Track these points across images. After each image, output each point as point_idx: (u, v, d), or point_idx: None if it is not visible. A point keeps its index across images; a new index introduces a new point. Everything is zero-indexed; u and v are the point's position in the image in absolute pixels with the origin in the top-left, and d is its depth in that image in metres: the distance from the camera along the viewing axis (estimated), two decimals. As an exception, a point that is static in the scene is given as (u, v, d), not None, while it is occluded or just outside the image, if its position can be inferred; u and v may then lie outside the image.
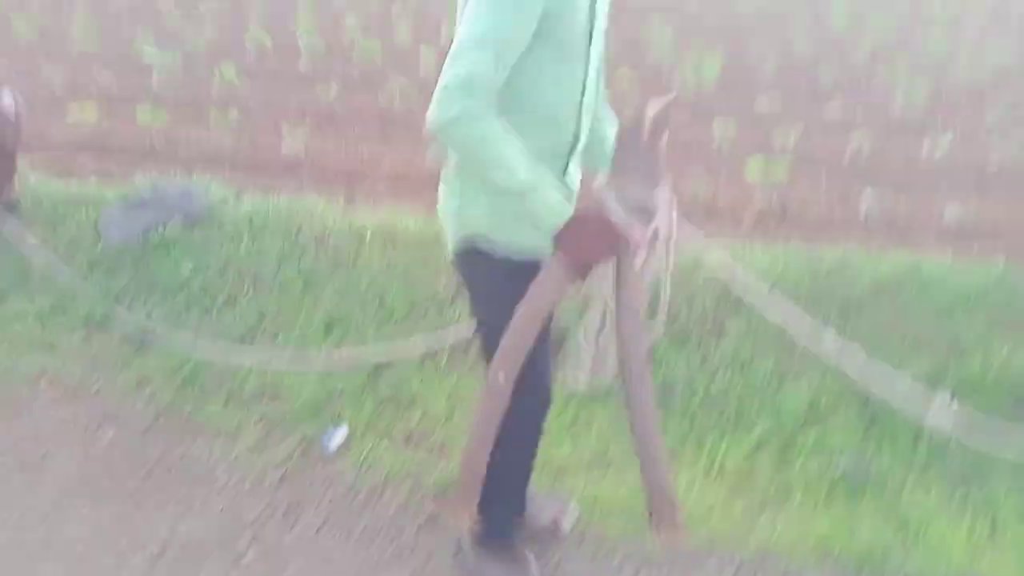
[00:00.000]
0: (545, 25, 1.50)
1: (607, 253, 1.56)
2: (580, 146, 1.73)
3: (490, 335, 1.78)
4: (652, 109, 1.49)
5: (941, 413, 1.69)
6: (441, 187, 1.79)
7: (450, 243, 1.79)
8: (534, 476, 2.21)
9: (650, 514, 1.68)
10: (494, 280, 1.75)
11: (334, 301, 3.34)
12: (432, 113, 1.44)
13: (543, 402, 2.01)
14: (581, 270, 1.57)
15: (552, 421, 2.85)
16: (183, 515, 2.46)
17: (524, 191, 1.49)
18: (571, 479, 2.64)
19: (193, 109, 5.43)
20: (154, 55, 6.09)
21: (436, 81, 1.43)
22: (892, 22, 9.65)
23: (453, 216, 1.74)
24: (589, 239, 1.53)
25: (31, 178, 4.05)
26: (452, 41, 1.48)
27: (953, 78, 7.15)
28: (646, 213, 1.55)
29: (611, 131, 1.77)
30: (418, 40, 7.21)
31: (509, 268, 1.70)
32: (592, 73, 1.67)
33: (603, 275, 1.63)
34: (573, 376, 1.84)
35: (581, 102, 1.67)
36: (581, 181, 1.81)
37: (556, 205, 1.53)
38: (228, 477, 2.62)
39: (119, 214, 3.55)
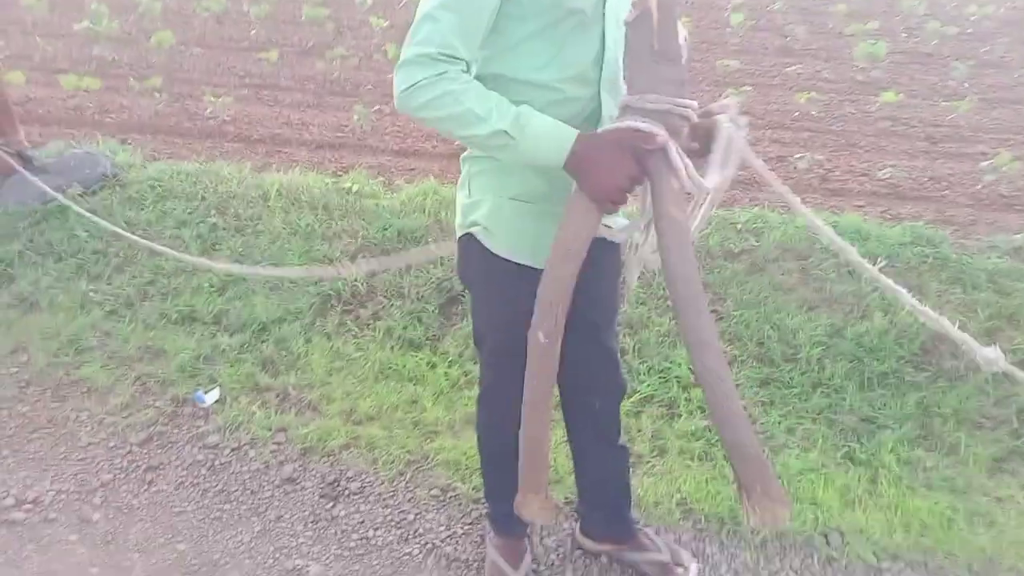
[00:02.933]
0: None
1: (634, 170, 1.36)
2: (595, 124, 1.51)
3: (479, 326, 1.79)
4: None
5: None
6: (461, 173, 1.69)
7: (457, 230, 1.71)
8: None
9: (740, 487, 1.37)
10: (489, 274, 1.66)
11: (231, 264, 3.27)
12: (395, 90, 1.37)
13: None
14: (609, 199, 1.38)
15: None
16: (37, 477, 2.42)
17: (510, 135, 1.34)
18: (442, 439, 2.59)
19: (126, 76, 5.35)
20: (91, 23, 6.00)
21: (381, 50, 1.35)
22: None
23: (460, 207, 1.67)
24: (609, 160, 1.34)
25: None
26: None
27: (921, 41, 6.96)
28: (675, 116, 1.32)
29: None
30: (372, 10, 7.09)
31: (503, 266, 1.61)
32: (611, 41, 1.45)
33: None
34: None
35: (599, 77, 1.47)
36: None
37: (552, 131, 1.37)
38: (91, 438, 2.58)
39: (18, 180, 3.48)
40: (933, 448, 2.62)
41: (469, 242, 1.64)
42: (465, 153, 1.65)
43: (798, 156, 4.16)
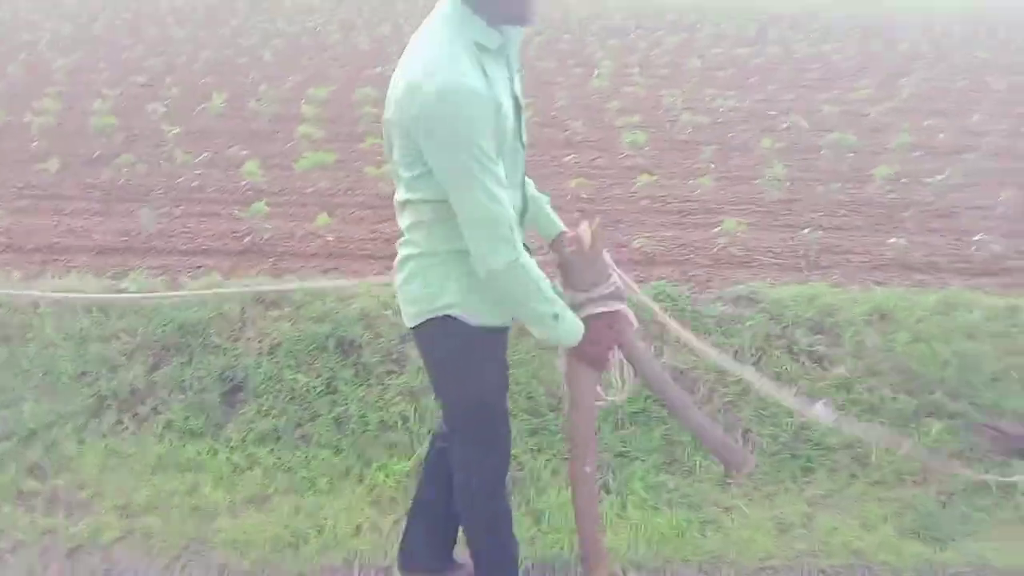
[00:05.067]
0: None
1: (616, 340, 1.99)
2: (524, 216, 1.98)
3: (457, 403, 2.03)
4: (588, 231, 1.97)
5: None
6: (405, 271, 1.91)
7: (414, 319, 1.92)
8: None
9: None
10: (475, 347, 1.92)
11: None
12: (496, 260, 1.71)
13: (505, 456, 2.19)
14: (606, 363, 2.00)
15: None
16: None
17: (557, 318, 1.81)
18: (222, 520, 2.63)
19: None
20: None
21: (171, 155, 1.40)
22: (645, 82, 10.67)
23: (414, 298, 1.90)
24: (605, 336, 1.94)
25: None
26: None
27: (678, 130, 7.99)
28: (619, 292, 2.01)
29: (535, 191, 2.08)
30: (165, 118, 7.13)
31: (479, 334, 1.89)
32: (523, 151, 1.93)
33: None
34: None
35: (522, 180, 1.95)
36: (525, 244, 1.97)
37: (577, 328, 1.87)
38: None
39: None
40: (675, 472, 3.00)
41: (442, 323, 1.87)
42: (408, 251, 1.88)
43: (565, 232, 4.64)
